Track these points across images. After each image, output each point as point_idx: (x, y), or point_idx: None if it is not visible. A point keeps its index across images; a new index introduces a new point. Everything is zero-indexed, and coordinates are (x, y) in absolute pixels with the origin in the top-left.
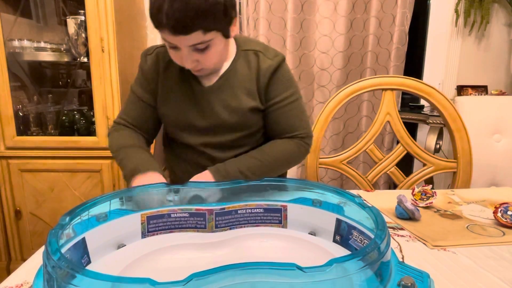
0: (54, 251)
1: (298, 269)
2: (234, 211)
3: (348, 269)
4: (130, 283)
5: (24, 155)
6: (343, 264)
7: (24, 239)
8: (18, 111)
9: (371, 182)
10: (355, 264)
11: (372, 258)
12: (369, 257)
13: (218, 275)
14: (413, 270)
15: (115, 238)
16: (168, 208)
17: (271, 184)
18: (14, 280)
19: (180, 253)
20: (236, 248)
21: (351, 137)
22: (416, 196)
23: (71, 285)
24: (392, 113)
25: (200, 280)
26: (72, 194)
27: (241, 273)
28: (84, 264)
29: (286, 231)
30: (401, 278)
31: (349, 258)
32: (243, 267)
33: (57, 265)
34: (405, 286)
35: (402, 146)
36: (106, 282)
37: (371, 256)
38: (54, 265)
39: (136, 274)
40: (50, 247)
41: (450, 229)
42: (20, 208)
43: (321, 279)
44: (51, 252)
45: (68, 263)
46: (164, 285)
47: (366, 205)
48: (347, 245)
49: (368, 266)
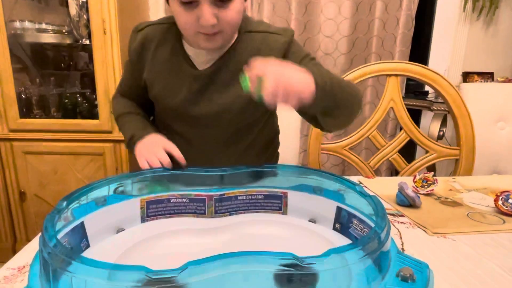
0: (50, 237)
1: (295, 259)
2: (234, 197)
3: (347, 259)
4: (125, 271)
5: (27, 137)
6: (341, 254)
7: (29, 220)
8: (21, 93)
9: (373, 169)
10: (354, 254)
11: (371, 249)
12: (369, 247)
13: (213, 264)
14: (412, 260)
15: (114, 223)
16: (167, 194)
17: (271, 170)
18: (17, 262)
19: (179, 239)
20: (235, 235)
21: (354, 123)
22: (417, 183)
23: (67, 272)
24: (396, 99)
25: (195, 268)
26: (75, 176)
27: (237, 262)
28: (83, 248)
29: (286, 218)
30: (400, 269)
31: (348, 248)
32: (239, 256)
33: (53, 251)
34: (403, 277)
35: (405, 133)
36: (102, 270)
37: (370, 246)
38: (50, 252)
39: (134, 260)
40: (46, 232)
41: (450, 216)
42: (24, 190)
43: (318, 269)
44: (47, 238)
45: (64, 250)
46: (159, 273)
47: (366, 194)
48: (347, 233)
49: (367, 256)
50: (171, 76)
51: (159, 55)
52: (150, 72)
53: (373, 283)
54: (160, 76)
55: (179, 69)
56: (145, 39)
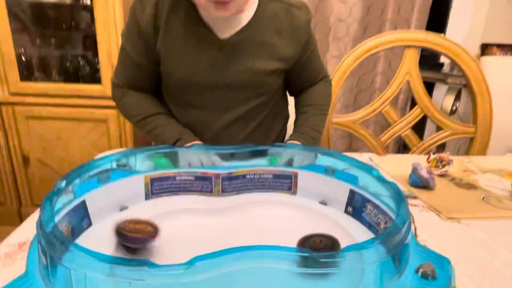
0: (48, 221)
1: (311, 258)
2: (242, 176)
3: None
4: (127, 265)
5: (29, 101)
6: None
7: (33, 185)
8: (21, 55)
9: (384, 145)
10: (374, 251)
11: (392, 244)
12: (390, 243)
13: (221, 259)
14: (432, 254)
15: (117, 200)
16: (173, 171)
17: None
18: (17, 238)
19: (185, 219)
20: (243, 216)
21: (364, 95)
22: (432, 163)
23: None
24: (413, 72)
25: (202, 264)
26: (78, 143)
27: (248, 257)
28: (84, 227)
29: (295, 198)
30: (420, 265)
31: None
32: (250, 251)
33: (49, 238)
34: (424, 274)
35: (419, 108)
36: (103, 263)
37: (391, 242)
38: (47, 238)
39: None
40: (43, 216)
41: (465, 200)
42: (27, 155)
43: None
44: (44, 222)
45: (60, 237)
46: (162, 268)
47: (384, 180)
48: (360, 217)
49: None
50: (189, 45)
51: (173, 23)
52: (164, 42)
53: (391, 279)
54: (176, 45)
55: (198, 37)
56: (155, 8)
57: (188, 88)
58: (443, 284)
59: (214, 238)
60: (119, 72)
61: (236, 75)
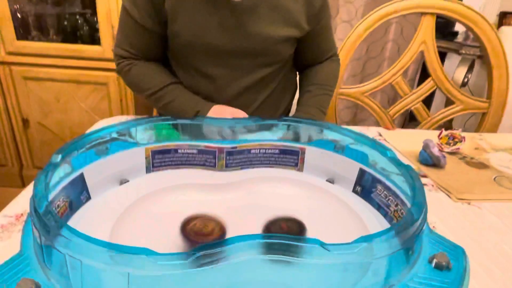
0: (41, 200)
1: (321, 247)
2: (247, 151)
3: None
4: (125, 253)
5: (26, 62)
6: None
7: (34, 147)
8: (16, 11)
9: (392, 118)
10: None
11: (407, 236)
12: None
13: (226, 249)
14: (446, 243)
15: (117, 173)
16: (175, 143)
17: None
18: (14, 209)
19: (187, 194)
20: (247, 193)
21: (373, 63)
22: (443, 140)
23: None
24: (429, 42)
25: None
26: (78, 106)
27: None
28: (83, 201)
29: (302, 175)
30: (434, 255)
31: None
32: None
33: (42, 220)
34: (438, 265)
35: (432, 81)
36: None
37: (407, 233)
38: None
39: (138, 218)
40: (36, 194)
41: (476, 180)
42: (27, 117)
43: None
44: (37, 202)
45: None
46: (164, 258)
47: (400, 162)
48: (368, 198)
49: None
50: (199, 5)
51: None
52: (172, 6)
53: (402, 270)
54: (184, 6)
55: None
56: None
57: (196, 51)
58: (458, 277)
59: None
60: (122, 41)
61: (247, 40)
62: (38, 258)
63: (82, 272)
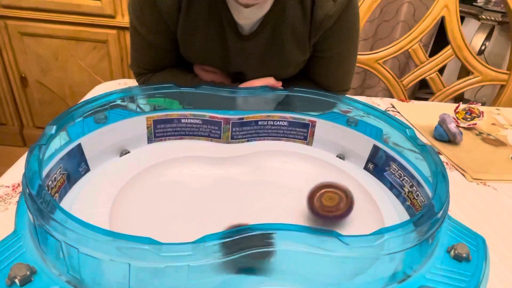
0: (33, 179)
1: (339, 240)
2: (254, 122)
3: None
4: (127, 240)
5: (22, 16)
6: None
7: (33, 106)
8: None
9: (406, 88)
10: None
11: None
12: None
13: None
14: (465, 232)
15: (117, 143)
16: (178, 112)
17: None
18: (11, 178)
19: (190, 168)
20: (254, 168)
21: (386, 26)
22: (459, 115)
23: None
24: (451, 6)
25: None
26: (77, 64)
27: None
28: (82, 173)
29: (311, 150)
30: (454, 245)
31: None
32: (268, 230)
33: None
34: (458, 257)
35: (451, 49)
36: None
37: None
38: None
39: (139, 194)
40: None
41: (492, 158)
42: (25, 75)
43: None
44: (29, 180)
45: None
46: (167, 248)
47: (420, 142)
48: (381, 176)
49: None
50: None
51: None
52: (184, 31)
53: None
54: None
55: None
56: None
57: None
58: (478, 269)
59: (221, 191)
60: (137, 59)
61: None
62: (33, 239)
63: (80, 260)
